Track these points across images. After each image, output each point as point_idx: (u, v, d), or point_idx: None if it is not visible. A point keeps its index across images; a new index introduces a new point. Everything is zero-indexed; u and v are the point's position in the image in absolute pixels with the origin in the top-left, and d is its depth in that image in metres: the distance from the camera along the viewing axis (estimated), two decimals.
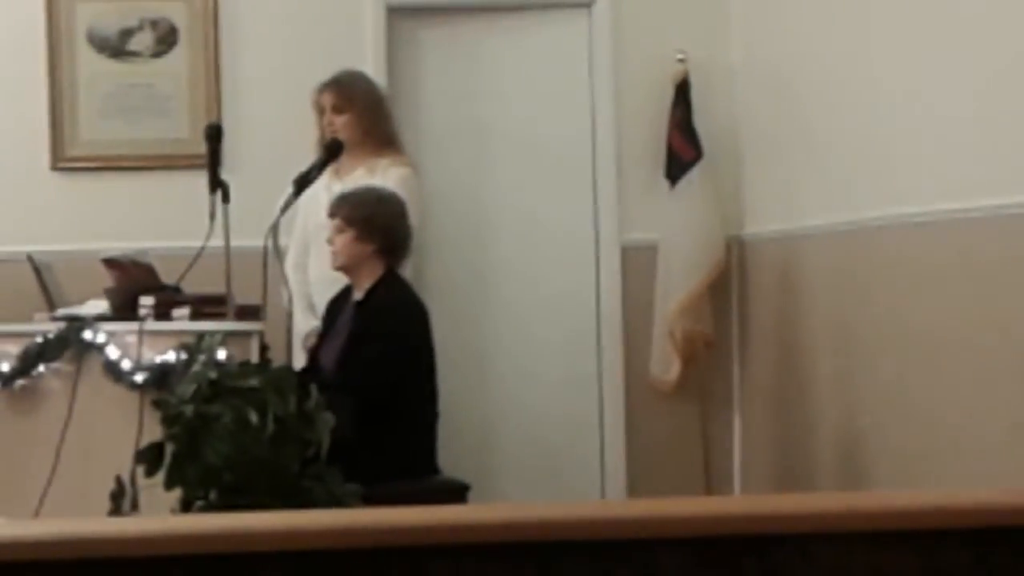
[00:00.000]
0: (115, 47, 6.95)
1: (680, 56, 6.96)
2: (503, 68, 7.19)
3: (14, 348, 5.62)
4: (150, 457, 4.59)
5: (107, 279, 5.83)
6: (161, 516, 4.43)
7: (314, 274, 6.07)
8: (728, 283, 7.04)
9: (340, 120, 6.10)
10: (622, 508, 3.48)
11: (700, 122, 6.92)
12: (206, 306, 5.43)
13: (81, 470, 5.38)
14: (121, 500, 4.90)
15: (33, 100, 6.89)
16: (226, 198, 5.43)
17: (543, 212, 7.14)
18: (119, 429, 5.25)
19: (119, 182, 6.95)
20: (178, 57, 6.96)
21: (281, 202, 5.45)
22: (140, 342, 5.33)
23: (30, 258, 6.03)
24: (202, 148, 5.69)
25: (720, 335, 7.03)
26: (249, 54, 6.99)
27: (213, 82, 6.95)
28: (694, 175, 6.89)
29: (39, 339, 5.57)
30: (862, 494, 5.00)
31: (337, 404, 4.74)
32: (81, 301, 5.82)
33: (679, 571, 2.73)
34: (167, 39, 6.96)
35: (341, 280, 5.70)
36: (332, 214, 5.62)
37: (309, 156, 5.87)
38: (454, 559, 2.70)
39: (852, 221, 5.92)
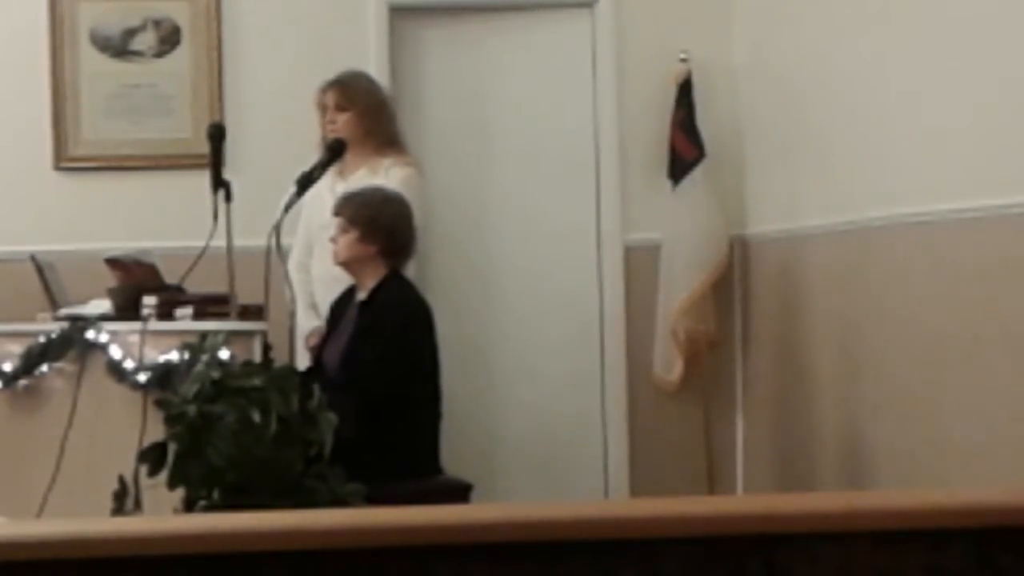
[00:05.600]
0: (118, 47, 6.95)
1: (683, 56, 6.97)
2: (506, 68, 7.20)
3: (17, 348, 5.63)
4: (153, 457, 4.60)
5: (110, 279, 5.83)
6: (164, 516, 4.44)
7: (317, 273, 6.07)
8: (731, 283, 7.05)
9: (342, 119, 6.09)
10: (625, 508, 3.48)
11: (703, 122, 6.92)
12: (209, 306, 5.43)
13: (84, 470, 5.39)
14: (124, 500, 4.90)
15: (36, 100, 6.90)
16: (229, 198, 5.43)
17: (546, 211, 7.15)
18: (122, 429, 5.25)
19: (122, 182, 6.95)
20: (181, 57, 6.96)
21: (284, 202, 5.45)
22: (143, 342, 5.34)
23: (33, 258, 6.03)
24: (205, 148, 5.68)
25: (723, 335, 7.03)
26: (252, 54, 7.00)
27: (216, 82, 6.95)
28: (697, 175, 6.89)
29: (42, 339, 5.58)
30: (865, 494, 5.00)
31: (340, 404, 4.74)
32: (84, 301, 5.82)
33: (682, 571, 2.73)
34: (170, 39, 6.96)
35: (345, 279, 5.70)
36: (337, 212, 5.62)
37: (312, 156, 5.87)
38: (457, 559, 2.70)
39: (855, 221, 5.92)
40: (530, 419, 7.12)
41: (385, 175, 5.98)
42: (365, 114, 6.12)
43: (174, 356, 5.24)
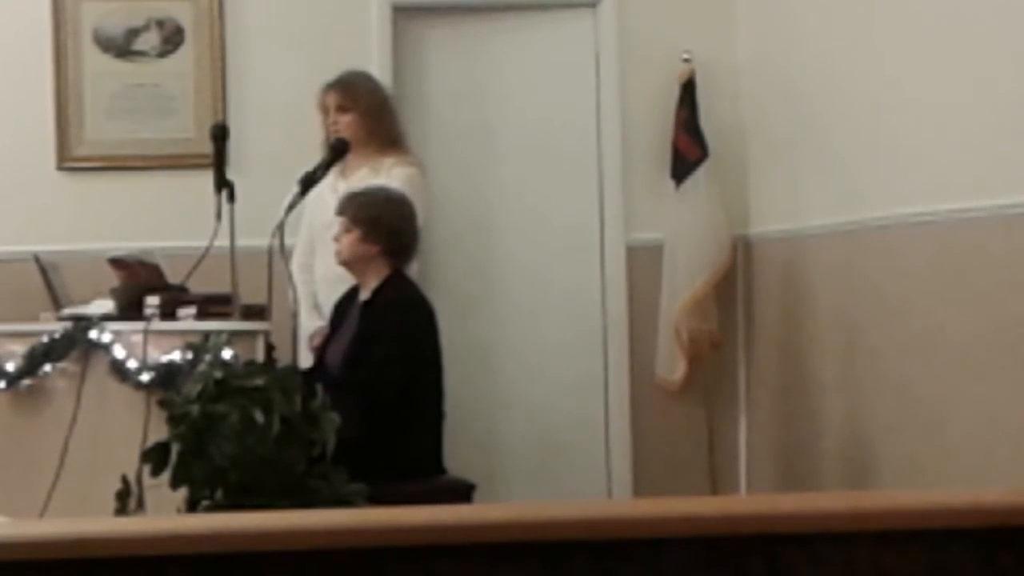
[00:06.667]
0: (121, 47, 6.95)
1: (686, 56, 6.96)
2: (509, 68, 7.20)
3: (20, 348, 5.63)
4: (156, 456, 4.60)
5: (113, 279, 5.84)
6: (167, 516, 4.44)
7: (320, 273, 6.07)
8: (734, 283, 7.04)
9: (344, 119, 6.10)
10: (628, 508, 3.48)
11: (706, 122, 6.92)
12: (212, 306, 5.43)
13: (87, 469, 5.39)
14: (127, 499, 4.90)
15: (39, 100, 6.90)
16: (232, 198, 5.43)
17: (549, 211, 7.15)
18: (125, 428, 5.25)
19: (125, 182, 6.95)
20: (184, 57, 6.96)
21: (287, 202, 5.45)
22: (146, 342, 5.34)
23: (36, 258, 6.04)
24: (208, 148, 5.69)
25: (726, 335, 7.03)
26: (255, 54, 7.00)
27: (219, 82, 6.95)
28: (700, 175, 6.89)
29: (45, 339, 5.58)
30: (868, 494, 5.00)
31: (343, 404, 4.74)
32: (87, 301, 5.82)
33: (685, 570, 2.73)
34: (173, 39, 6.96)
35: (347, 279, 5.70)
36: (340, 212, 5.62)
37: (315, 156, 5.87)
38: (460, 559, 2.70)
39: (857, 221, 5.92)
40: (533, 419, 7.12)
41: (387, 175, 5.98)
42: (367, 114, 6.12)
43: (177, 356, 5.24)
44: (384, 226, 5.54)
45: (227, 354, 4.98)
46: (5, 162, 6.90)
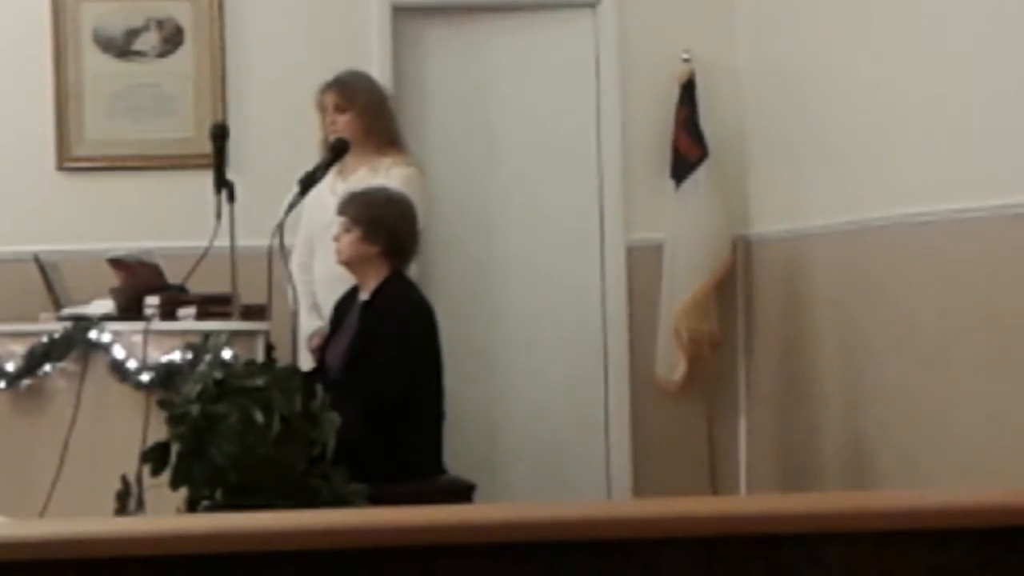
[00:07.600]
0: (121, 47, 6.95)
1: (686, 56, 6.96)
2: (508, 68, 7.19)
3: (20, 348, 5.64)
4: (156, 457, 4.60)
5: (113, 279, 5.84)
6: (167, 516, 4.44)
7: (319, 273, 6.06)
8: (734, 283, 7.04)
9: (342, 119, 6.09)
10: (628, 508, 3.48)
11: (706, 122, 6.92)
12: (212, 306, 5.43)
13: (87, 469, 5.39)
14: (127, 500, 4.90)
15: (39, 100, 6.90)
16: (232, 198, 5.44)
17: (548, 211, 7.14)
18: (125, 429, 5.25)
19: (125, 182, 6.95)
20: (184, 57, 6.96)
21: (287, 202, 5.45)
22: (146, 342, 5.34)
23: (36, 258, 6.04)
24: (208, 148, 5.69)
25: (726, 335, 7.03)
26: (255, 54, 6.99)
27: (219, 82, 6.95)
28: (700, 175, 6.89)
29: (45, 339, 5.58)
30: (868, 494, 5.00)
31: (343, 404, 4.74)
32: (87, 301, 5.82)
33: (685, 571, 2.73)
34: (173, 39, 6.96)
35: (346, 279, 5.70)
36: (341, 212, 5.62)
37: (314, 156, 5.87)
38: (460, 559, 2.70)
39: (858, 221, 5.92)
40: (533, 419, 7.12)
41: (386, 175, 5.98)
42: (365, 114, 6.11)
43: (177, 356, 5.25)
44: (384, 226, 5.54)
45: (227, 354, 4.99)
46: (5, 162, 6.90)
